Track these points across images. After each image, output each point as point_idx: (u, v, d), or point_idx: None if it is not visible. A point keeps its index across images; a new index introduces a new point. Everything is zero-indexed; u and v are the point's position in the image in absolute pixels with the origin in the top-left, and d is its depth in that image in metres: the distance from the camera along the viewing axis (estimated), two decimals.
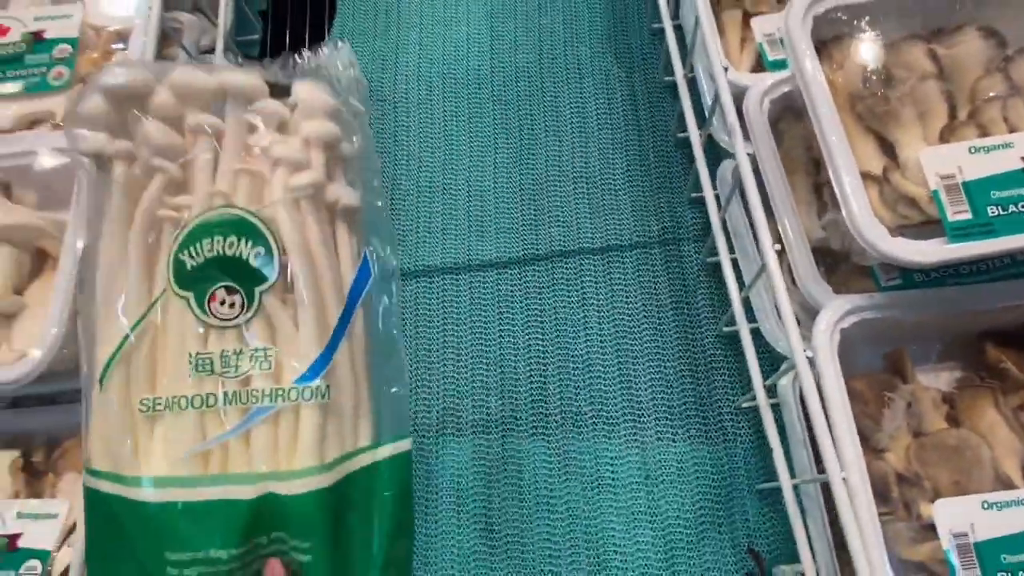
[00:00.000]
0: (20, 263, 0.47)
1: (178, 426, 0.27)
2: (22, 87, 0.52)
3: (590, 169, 0.65)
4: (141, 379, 0.28)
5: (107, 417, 0.28)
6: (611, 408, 0.57)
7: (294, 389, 0.27)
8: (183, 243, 0.28)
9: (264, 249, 0.28)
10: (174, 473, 0.27)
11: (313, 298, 0.28)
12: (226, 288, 0.28)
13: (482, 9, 0.73)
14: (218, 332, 0.28)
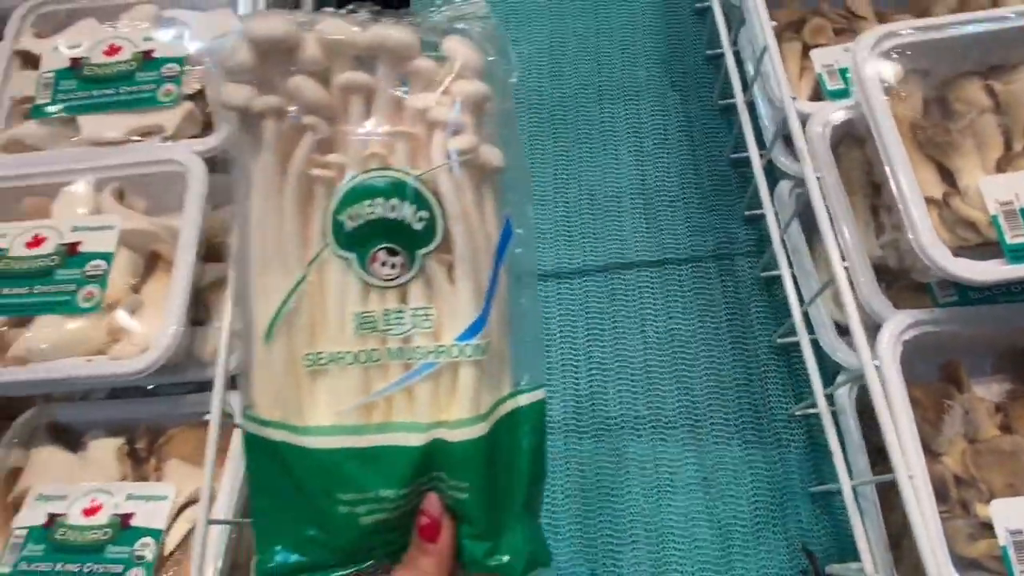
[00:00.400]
0: (136, 264, 0.51)
1: (342, 380, 0.29)
2: (133, 102, 0.57)
3: (646, 186, 0.69)
4: (304, 335, 0.29)
5: (273, 370, 0.29)
6: (669, 413, 0.60)
7: (455, 347, 0.29)
8: (341, 204, 0.29)
9: (428, 213, 0.29)
10: (341, 423, 0.29)
11: (470, 260, 0.29)
12: (387, 250, 0.29)
13: (543, 31, 0.77)
14: (379, 292, 0.29)
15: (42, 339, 0.48)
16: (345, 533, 0.29)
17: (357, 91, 0.29)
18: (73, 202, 0.53)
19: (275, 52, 0.29)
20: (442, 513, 0.30)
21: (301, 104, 0.29)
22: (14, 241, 0.51)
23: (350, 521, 0.29)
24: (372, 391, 0.29)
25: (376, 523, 0.29)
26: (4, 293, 0.49)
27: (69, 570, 0.48)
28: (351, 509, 0.29)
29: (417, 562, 0.29)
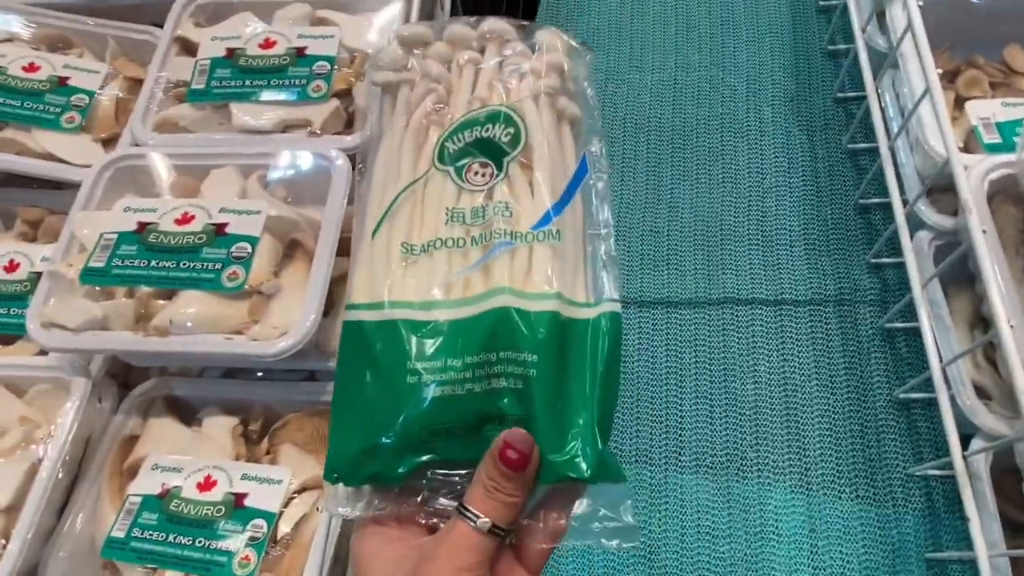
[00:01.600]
0: (277, 251, 0.53)
1: (430, 264, 0.33)
2: (284, 95, 0.59)
3: (766, 223, 0.68)
4: (403, 230, 0.34)
5: (372, 261, 0.33)
6: (777, 456, 0.58)
7: (530, 233, 0.33)
8: (449, 135, 0.35)
9: (513, 130, 0.35)
10: (419, 299, 0.32)
11: (547, 166, 0.34)
12: (480, 162, 0.35)
13: (669, 61, 0.77)
14: (470, 194, 0.34)
15: (185, 313, 0.49)
16: (411, 404, 0.30)
17: (469, 62, 0.37)
18: (221, 184, 0.55)
19: (413, 45, 0.38)
20: (532, 446, 0.30)
21: (428, 76, 0.37)
22: (164, 216, 0.53)
23: (417, 391, 0.30)
24: (454, 272, 0.33)
25: (442, 398, 0.30)
26: (152, 265, 0.51)
27: (181, 542, 0.48)
28: (418, 379, 0.30)
29: (499, 484, 0.29)
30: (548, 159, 0.34)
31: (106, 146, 0.63)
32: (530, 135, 0.34)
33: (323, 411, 0.54)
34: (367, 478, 0.31)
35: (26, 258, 0.61)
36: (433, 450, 0.30)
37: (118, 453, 0.55)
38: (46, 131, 0.62)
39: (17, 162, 0.60)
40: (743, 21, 0.79)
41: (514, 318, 0.30)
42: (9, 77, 0.63)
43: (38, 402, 0.55)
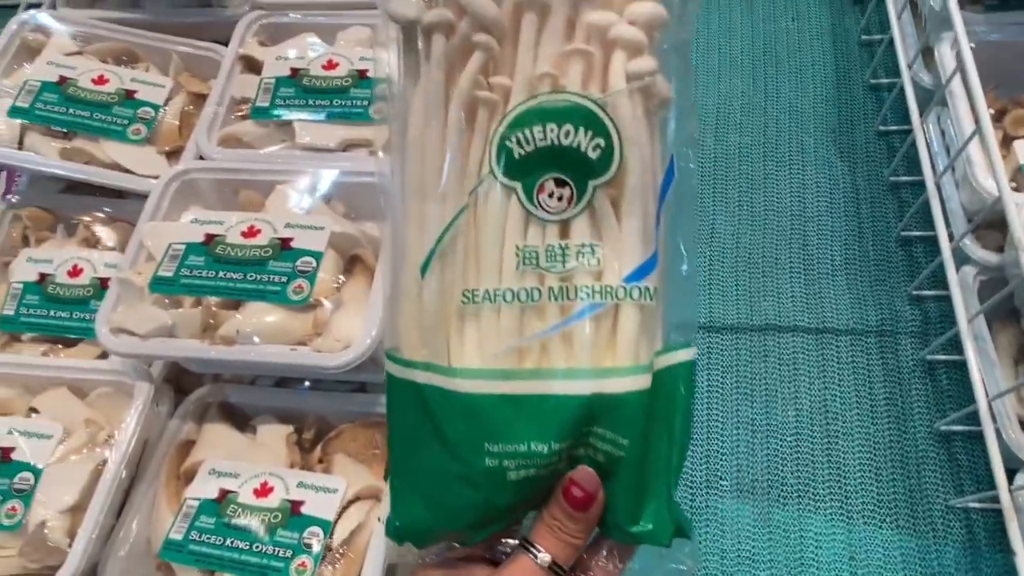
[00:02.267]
0: (339, 265, 0.54)
1: (497, 320, 0.27)
2: (346, 115, 0.61)
3: (808, 252, 0.69)
4: (459, 269, 0.27)
5: (424, 307, 0.27)
6: (817, 483, 0.59)
7: (622, 288, 0.27)
8: (510, 128, 0.27)
9: (605, 141, 0.27)
10: (491, 366, 0.27)
11: (641, 195, 0.27)
12: (556, 180, 0.27)
13: (712, 90, 0.79)
14: (541, 224, 0.27)
15: (251, 324, 0.51)
16: (489, 490, 0.26)
17: (532, 7, 0.27)
18: (286, 200, 0.57)
19: None
20: (598, 487, 0.28)
21: (474, 19, 0.27)
22: (231, 229, 0.55)
23: (496, 476, 0.26)
24: (527, 333, 0.27)
25: (524, 480, 0.26)
26: (220, 276, 0.53)
27: (238, 546, 0.50)
28: (498, 462, 0.26)
29: (562, 524, 0.28)
30: (643, 187, 0.27)
31: (170, 158, 0.65)
32: (626, 154, 0.27)
33: (376, 423, 0.55)
34: (439, 540, 0.29)
35: (89, 264, 0.63)
36: (512, 517, 0.29)
37: (175, 457, 0.56)
38: (113, 142, 0.64)
39: (87, 171, 0.62)
40: (785, 52, 0.80)
41: (606, 402, 0.26)
42: (80, 89, 0.66)
43: (100, 404, 0.57)
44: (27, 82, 0.65)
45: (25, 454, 0.51)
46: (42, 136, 0.64)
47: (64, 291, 0.62)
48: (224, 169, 0.59)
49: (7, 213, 0.67)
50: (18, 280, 0.63)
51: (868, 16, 0.78)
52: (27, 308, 0.62)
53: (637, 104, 0.27)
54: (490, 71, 0.28)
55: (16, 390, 0.58)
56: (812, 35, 0.81)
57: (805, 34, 0.81)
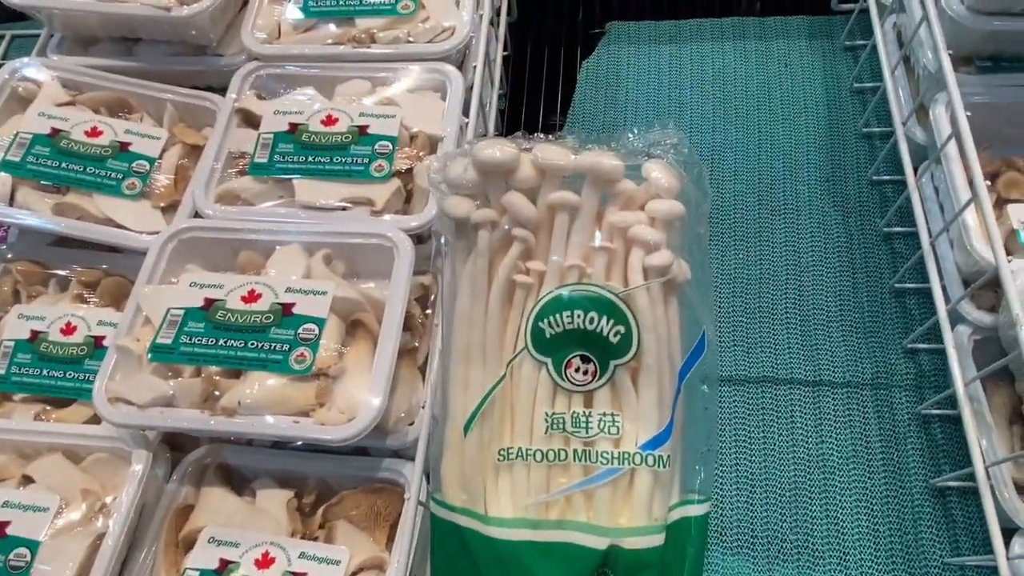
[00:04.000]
0: (341, 331, 0.54)
1: (527, 475, 0.32)
2: (346, 173, 0.60)
3: (803, 302, 0.70)
4: (496, 429, 0.33)
5: (465, 460, 0.33)
6: (816, 540, 0.60)
7: (639, 454, 0.31)
8: (542, 312, 0.32)
9: (624, 328, 0.32)
10: (521, 516, 0.32)
11: (658, 371, 0.32)
12: (581, 357, 0.32)
13: (707, 138, 0.80)
14: (568, 395, 0.32)
15: (252, 394, 0.50)
16: None
17: (564, 208, 0.33)
18: (286, 261, 0.56)
19: (495, 172, 0.34)
20: None
21: (513, 218, 0.33)
22: (231, 293, 0.54)
23: None
24: (553, 489, 0.32)
25: None
26: (220, 344, 0.52)
27: None
28: None
29: None
30: (659, 364, 0.31)
31: (165, 213, 0.64)
32: (643, 339, 0.31)
33: (378, 489, 0.55)
34: None
35: (83, 321, 0.62)
36: None
37: (173, 523, 0.55)
38: (108, 196, 0.63)
39: (81, 228, 0.61)
40: (779, 99, 0.81)
41: (620, 555, 0.31)
42: (72, 141, 0.65)
43: (95, 469, 0.56)
44: (18, 134, 0.64)
45: (21, 528, 0.50)
46: (34, 190, 0.63)
47: (57, 349, 0.61)
48: (223, 228, 0.58)
49: None
50: (9, 338, 0.62)
51: (860, 65, 0.79)
52: (18, 367, 0.61)
53: (655, 295, 0.32)
54: (527, 256, 0.34)
55: (9, 455, 0.56)
56: (804, 82, 0.82)
57: (798, 80, 0.82)
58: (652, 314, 0.32)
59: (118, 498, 0.52)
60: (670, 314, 0.33)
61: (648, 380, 0.32)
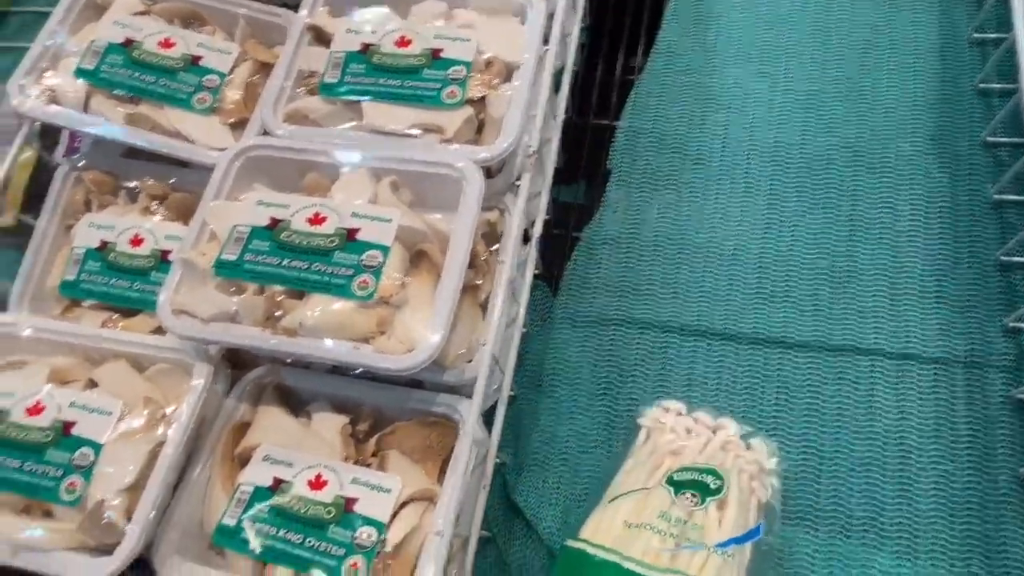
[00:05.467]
0: (404, 260, 0.52)
1: (640, 536, 0.51)
2: (417, 98, 0.58)
3: (895, 270, 0.64)
4: (629, 509, 0.53)
5: (603, 517, 0.53)
6: (885, 518, 0.56)
7: (712, 548, 0.50)
8: (678, 471, 0.54)
9: (720, 484, 0.52)
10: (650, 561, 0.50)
11: (735, 516, 0.51)
12: (692, 493, 0.52)
13: (802, 84, 0.73)
14: (678, 508, 0.52)
15: (314, 316, 0.49)
16: None
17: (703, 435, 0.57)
18: (353, 186, 0.55)
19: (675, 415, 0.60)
20: None
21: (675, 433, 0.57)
22: (296, 214, 0.53)
23: None
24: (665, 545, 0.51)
25: None
26: (284, 264, 0.51)
27: (290, 539, 0.49)
28: None
29: None
30: (736, 512, 0.51)
31: (234, 130, 0.63)
32: (729, 492, 0.52)
33: (432, 423, 0.54)
34: None
35: (151, 234, 0.62)
36: None
37: (230, 438, 0.56)
38: (178, 110, 0.62)
39: (152, 140, 0.61)
40: (886, 45, 0.74)
41: None
42: (145, 52, 0.64)
43: (157, 379, 0.56)
44: (93, 42, 0.64)
45: (86, 429, 0.51)
46: (107, 99, 0.63)
47: (125, 260, 0.61)
48: (291, 148, 0.57)
49: (70, 175, 0.67)
50: (80, 245, 0.62)
51: (984, 11, 0.71)
52: (88, 274, 0.62)
53: (742, 475, 0.54)
54: None
55: (77, 359, 0.58)
56: (916, 27, 0.74)
57: (908, 25, 0.75)
58: (737, 487, 0.53)
59: (179, 408, 0.53)
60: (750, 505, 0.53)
61: (728, 518, 0.51)
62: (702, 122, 0.74)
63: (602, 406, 0.64)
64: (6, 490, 0.50)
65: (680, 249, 0.69)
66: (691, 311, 0.66)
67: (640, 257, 0.69)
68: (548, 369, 0.66)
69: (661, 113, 0.75)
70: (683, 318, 0.65)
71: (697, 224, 0.70)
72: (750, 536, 0.50)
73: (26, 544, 0.49)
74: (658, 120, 0.75)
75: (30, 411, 0.52)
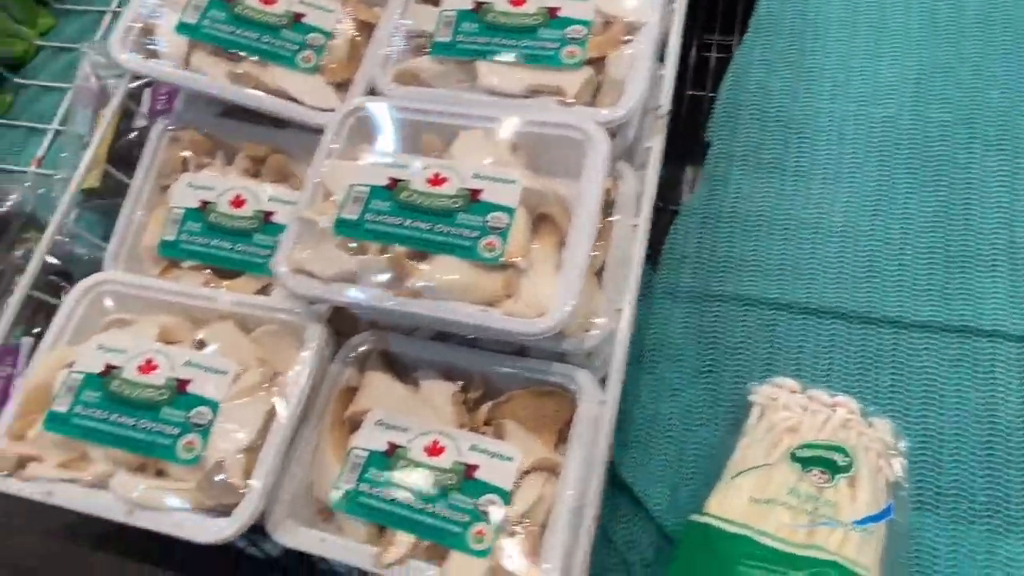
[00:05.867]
0: (528, 224, 0.51)
1: (771, 512, 0.49)
2: (534, 57, 0.56)
3: (1015, 250, 0.62)
4: (752, 484, 0.51)
5: (728, 494, 0.51)
6: (1012, 504, 0.54)
7: (849, 524, 0.48)
8: (801, 446, 0.52)
9: (849, 461, 0.51)
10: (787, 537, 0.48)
11: (867, 492, 0.50)
12: (821, 471, 0.50)
13: (912, 57, 0.71)
14: (808, 484, 0.50)
15: (439, 278, 0.48)
16: None
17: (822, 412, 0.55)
18: (470, 147, 0.53)
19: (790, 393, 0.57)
20: None
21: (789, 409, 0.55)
22: (416, 174, 0.52)
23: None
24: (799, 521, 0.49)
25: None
26: (406, 224, 0.50)
27: (411, 504, 0.48)
28: None
29: None
30: (869, 490, 0.49)
31: (337, 91, 0.61)
32: (858, 469, 0.50)
33: (547, 392, 0.53)
34: None
35: (252, 195, 0.61)
36: None
37: (339, 403, 0.55)
38: (282, 68, 0.61)
39: (259, 99, 0.59)
40: (1000, 20, 0.71)
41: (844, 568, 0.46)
42: (248, 8, 0.62)
43: (264, 341, 0.55)
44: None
45: (202, 388, 0.51)
46: (209, 56, 0.61)
47: (227, 221, 0.60)
48: (404, 108, 0.55)
49: (165, 135, 0.65)
50: (179, 205, 0.61)
51: None
52: (188, 235, 0.61)
53: (872, 466, 0.51)
54: None
55: (180, 319, 0.57)
56: None
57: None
58: (867, 463, 0.51)
59: (294, 369, 0.52)
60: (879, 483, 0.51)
61: (862, 495, 0.50)
62: (806, 96, 0.71)
63: (706, 383, 0.62)
64: (120, 447, 0.49)
65: (786, 225, 0.66)
66: (800, 288, 0.63)
67: (744, 232, 0.67)
68: (648, 345, 0.64)
69: (762, 86, 0.73)
70: (792, 295, 0.63)
71: (804, 200, 0.67)
72: (884, 515, 0.49)
73: (142, 502, 0.48)
74: (758, 93, 0.72)
75: (142, 369, 0.52)
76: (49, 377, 0.53)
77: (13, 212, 0.76)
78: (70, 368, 0.53)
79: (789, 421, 0.54)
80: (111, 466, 0.49)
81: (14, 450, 0.50)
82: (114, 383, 0.51)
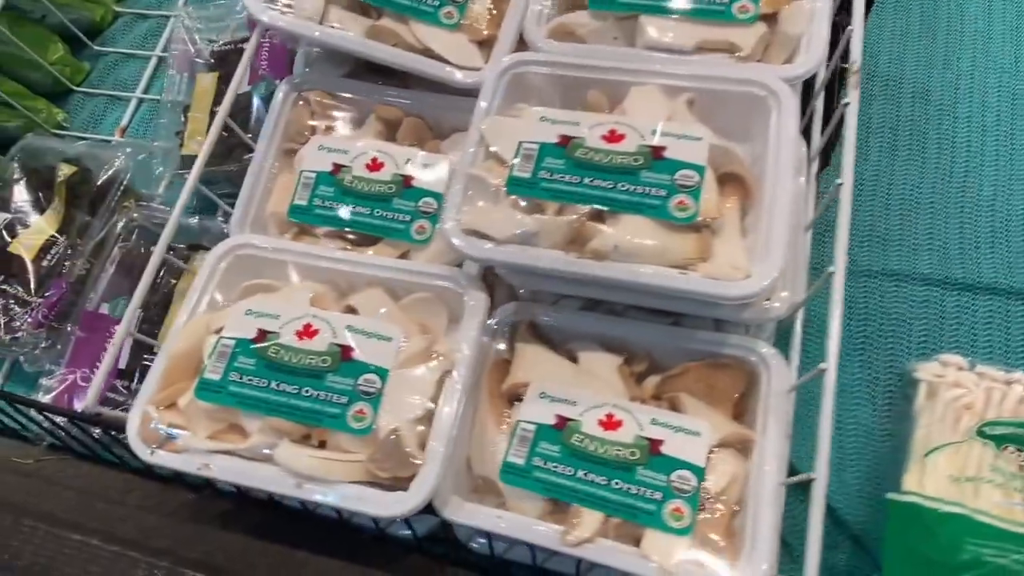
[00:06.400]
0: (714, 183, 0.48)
1: (977, 491, 0.48)
2: (703, 12, 0.53)
3: None
4: (952, 467, 0.49)
5: (929, 477, 0.49)
6: None
7: None
8: (987, 424, 0.50)
9: None
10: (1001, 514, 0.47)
11: None
12: (1016, 448, 0.49)
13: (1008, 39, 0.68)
14: (1006, 460, 0.49)
15: (628, 240, 0.45)
16: None
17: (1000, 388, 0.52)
18: (644, 105, 0.50)
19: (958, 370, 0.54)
20: None
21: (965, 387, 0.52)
22: (588, 131, 0.49)
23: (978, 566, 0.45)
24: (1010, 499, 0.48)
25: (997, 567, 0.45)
26: (583, 183, 0.47)
27: (594, 480, 0.45)
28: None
29: None
30: None
31: (480, 48, 0.58)
32: None
33: (722, 365, 0.50)
34: None
35: (389, 158, 0.58)
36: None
37: (494, 375, 0.52)
38: (424, 24, 0.58)
39: (402, 57, 0.56)
40: None
41: None
42: None
43: (415, 309, 0.52)
44: None
45: (367, 355, 0.47)
46: (345, 11, 0.58)
47: (364, 185, 0.57)
48: (565, 64, 0.52)
49: (289, 96, 0.62)
50: (310, 169, 0.58)
51: None
52: (321, 199, 0.58)
53: None
54: None
55: (324, 286, 0.54)
56: None
57: None
58: None
59: (456, 337, 0.49)
60: None
61: None
62: (944, 65, 0.69)
63: (860, 361, 0.59)
64: (284, 416, 0.46)
65: (932, 199, 0.64)
66: (955, 264, 0.61)
67: (888, 206, 0.64)
68: None
69: (896, 55, 0.70)
70: (947, 271, 0.61)
71: (947, 172, 0.65)
72: None
73: (311, 475, 0.45)
74: (893, 62, 0.70)
75: (300, 334, 0.49)
76: (195, 344, 0.50)
77: (110, 180, 0.73)
78: (219, 334, 0.49)
79: (965, 399, 0.51)
80: (272, 437, 0.46)
81: (166, 419, 0.47)
82: (271, 349, 0.48)
